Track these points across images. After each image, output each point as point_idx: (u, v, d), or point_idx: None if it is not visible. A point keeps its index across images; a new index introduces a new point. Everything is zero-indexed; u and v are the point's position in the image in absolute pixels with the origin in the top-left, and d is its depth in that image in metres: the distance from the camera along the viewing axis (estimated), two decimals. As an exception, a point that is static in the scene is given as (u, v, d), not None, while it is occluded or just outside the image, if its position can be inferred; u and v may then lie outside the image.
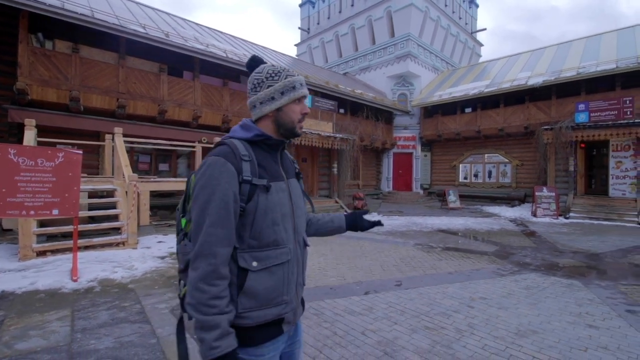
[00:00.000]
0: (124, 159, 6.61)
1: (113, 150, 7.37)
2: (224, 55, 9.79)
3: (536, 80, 12.77)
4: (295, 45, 24.97)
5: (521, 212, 12.09)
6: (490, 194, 15.51)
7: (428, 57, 18.73)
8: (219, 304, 0.88)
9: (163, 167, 10.87)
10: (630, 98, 10.07)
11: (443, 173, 17.75)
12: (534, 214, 10.97)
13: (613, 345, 2.75)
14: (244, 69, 10.64)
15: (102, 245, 5.63)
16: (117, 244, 5.78)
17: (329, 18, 21.89)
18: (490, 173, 16.16)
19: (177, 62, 9.83)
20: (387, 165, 18.40)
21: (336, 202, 12.22)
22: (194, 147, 9.27)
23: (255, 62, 1.13)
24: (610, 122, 10.34)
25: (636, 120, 9.94)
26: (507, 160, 15.38)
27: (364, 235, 7.79)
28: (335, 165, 12.66)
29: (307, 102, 11.17)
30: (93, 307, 3.27)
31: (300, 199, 1.18)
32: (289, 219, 1.07)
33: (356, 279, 4.42)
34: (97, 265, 4.56)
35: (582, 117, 10.83)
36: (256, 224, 0.99)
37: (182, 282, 1.04)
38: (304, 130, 10.69)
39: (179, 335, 1.04)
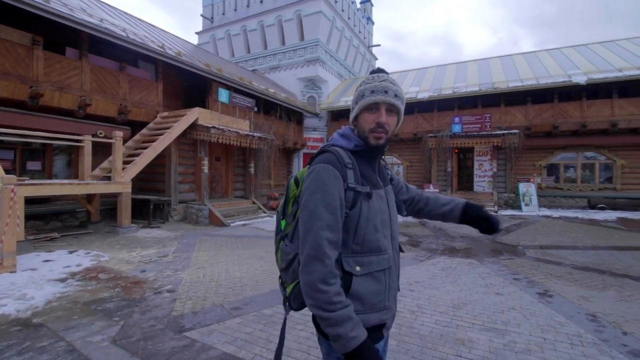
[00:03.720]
0: (-12, 155, 4.99)
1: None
2: (124, 34, 8.35)
3: (424, 95, 15.15)
4: (197, 33, 23.07)
5: (414, 206, 14.15)
6: (388, 191, 17.61)
7: (334, 64, 19.97)
8: (342, 299, 0.92)
9: (33, 165, 8.60)
10: (489, 115, 13.01)
11: (348, 173, 19.23)
12: (424, 207, 13.01)
13: (517, 305, 3.59)
14: (146, 52, 9.34)
15: (-39, 272, 4.17)
16: (-15, 268, 4.36)
17: (235, 10, 21.00)
18: (387, 173, 18.34)
19: (58, 35, 7.92)
20: (298, 165, 18.84)
21: (253, 202, 11.90)
22: (80, 141, 7.66)
23: (372, 72, 1.13)
24: (475, 133, 13.13)
25: (493, 132, 12.91)
26: (400, 162, 17.71)
27: (292, 235, 7.88)
28: (252, 165, 12.31)
29: (224, 98, 10.56)
30: (-8, 354, 2.44)
31: (394, 204, 1.19)
32: (388, 226, 1.10)
33: (306, 278, 4.48)
34: (-34, 300, 3.37)
35: (457, 128, 13.41)
36: (359, 230, 1.01)
37: (283, 281, 1.15)
38: (221, 127, 10.07)
39: (282, 332, 1.13)
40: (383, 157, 1.21)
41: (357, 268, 1.00)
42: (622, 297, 3.78)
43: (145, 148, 8.79)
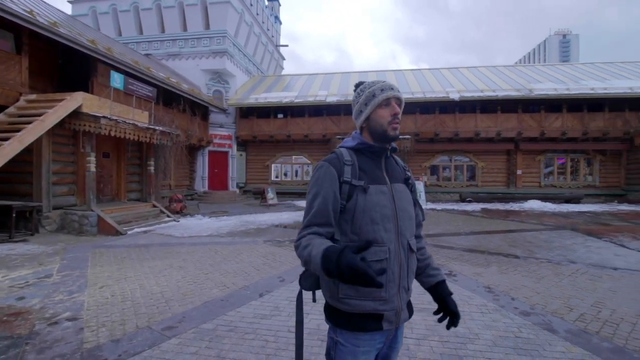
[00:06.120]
0: None
1: None
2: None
3: (332, 99, 16.05)
4: (70, 2, 18.99)
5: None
6: (298, 190, 18.01)
7: (242, 59, 19.26)
8: (312, 242, 1.04)
9: None
10: (388, 121, 14.63)
11: (257, 172, 18.88)
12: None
13: (434, 287, 4.17)
14: (9, 17, 7.23)
15: None
16: None
17: (123, -17, 18.12)
18: (297, 172, 18.75)
19: None
20: (202, 163, 17.53)
21: (154, 205, 10.52)
22: None
23: (358, 85, 1.31)
24: (377, 136, 14.58)
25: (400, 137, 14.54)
26: (309, 162, 18.34)
27: (209, 240, 7.31)
28: (152, 162, 10.85)
29: (118, 84, 9.09)
30: None
31: (407, 203, 1.21)
32: (391, 221, 1.13)
33: (239, 285, 4.23)
34: None
35: (361, 131, 14.66)
36: (356, 221, 1.11)
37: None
38: (114, 118, 8.56)
39: (298, 303, 1.24)
40: (393, 155, 1.26)
41: None
42: (502, 270, 4.81)
43: (3, 139, 6.80)
